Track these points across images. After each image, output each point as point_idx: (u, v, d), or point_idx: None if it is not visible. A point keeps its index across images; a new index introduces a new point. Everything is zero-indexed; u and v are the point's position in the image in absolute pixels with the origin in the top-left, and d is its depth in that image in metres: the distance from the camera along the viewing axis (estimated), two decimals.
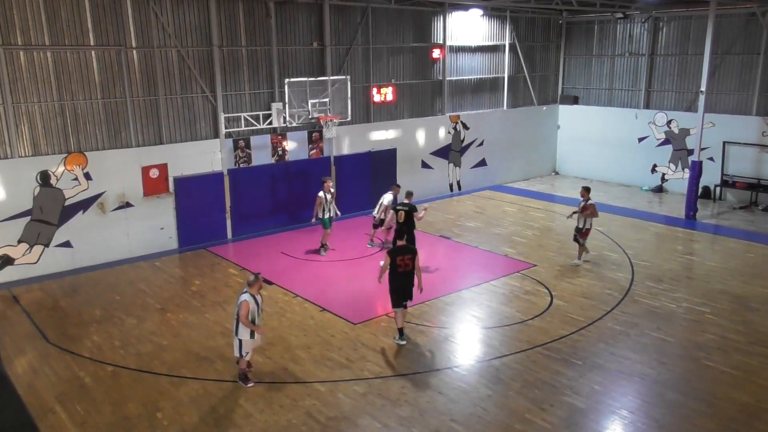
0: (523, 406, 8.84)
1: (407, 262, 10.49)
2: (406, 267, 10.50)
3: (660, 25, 22.69)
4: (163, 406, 8.96)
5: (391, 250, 10.65)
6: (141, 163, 15.63)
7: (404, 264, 10.48)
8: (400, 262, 10.46)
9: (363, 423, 8.48)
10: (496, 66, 23.52)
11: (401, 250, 10.62)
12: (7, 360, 10.39)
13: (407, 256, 10.52)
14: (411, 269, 10.55)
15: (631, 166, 23.62)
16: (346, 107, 17.92)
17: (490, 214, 19.65)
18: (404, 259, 10.48)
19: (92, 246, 15.05)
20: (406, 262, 10.48)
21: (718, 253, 15.88)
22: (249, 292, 9.17)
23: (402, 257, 10.48)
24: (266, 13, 17.19)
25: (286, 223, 18.31)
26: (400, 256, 10.49)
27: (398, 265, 10.46)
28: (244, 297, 9.12)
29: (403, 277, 10.54)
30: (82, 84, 14.65)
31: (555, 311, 12.14)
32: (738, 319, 11.73)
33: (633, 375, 9.71)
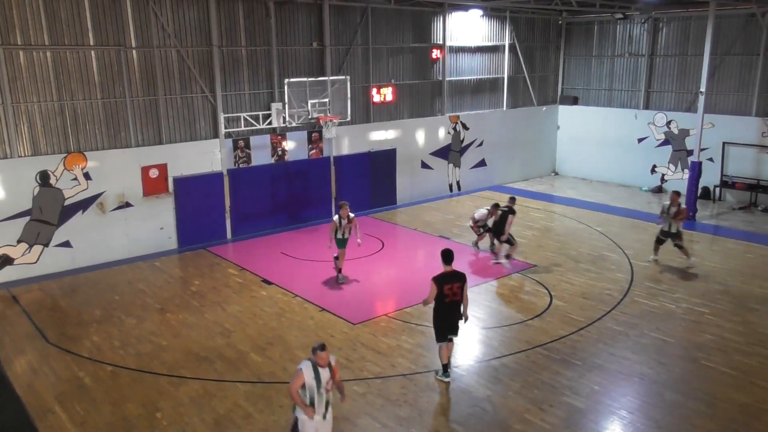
0: (523, 406, 8.84)
1: (456, 290, 9.18)
2: (454, 296, 9.20)
3: (660, 25, 22.70)
4: (162, 406, 8.96)
5: (438, 278, 9.15)
6: (140, 163, 15.63)
7: (452, 293, 9.17)
8: (448, 291, 9.15)
9: (362, 423, 8.48)
10: (495, 66, 23.53)
11: (449, 277, 9.19)
12: (7, 360, 10.40)
13: (456, 284, 9.17)
14: (460, 299, 9.26)
15: (630, 166, 23.63)
16: (345, 107, 17.92)
17: None
18: (453, 287, 9.15)
19: (92, 246, 15.05)
20: (454, 290, 9.17)
21: (718, 253, 15.89)
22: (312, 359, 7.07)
23: (450, 285, 9.14)
24: (266, 13, 17.19)
25: (286, 223, 18.32)
26: (448, 284, 9.13)
27: (445, 295, 9.14)
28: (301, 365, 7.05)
29: (450, 307, 9.25)
30: (82, 84, 14.65)
31: (554, 311, 12.14)
32: (737, 320, 11.73)
33: (632, 375, 9.72)
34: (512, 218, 14.67)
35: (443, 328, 9.36)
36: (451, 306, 9.23)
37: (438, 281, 9.11)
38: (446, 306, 9.21)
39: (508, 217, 14.61)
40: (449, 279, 9.16)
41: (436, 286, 9.08)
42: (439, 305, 9.23)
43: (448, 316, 9.29)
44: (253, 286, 13.69)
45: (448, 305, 9.21)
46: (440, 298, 9.15)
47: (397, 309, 12.34)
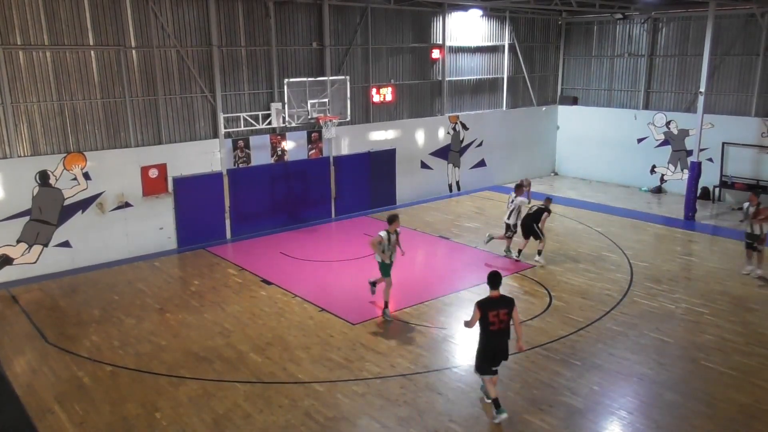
0: (522, 406, 8.84)
1: (503, 317, 8.25)
2: (501, 324, 8.26)
3: (659, 25, 22.71)
4: (161, 406, 8.96)
5: (483, 303, 8.30)
6: (140, 163, 15.63)
7: (499, 320, 8.24)
8: (494, 318, 8.21)
9: (362, 423, 8.48)
10: (495, 66, 23.53)
11: (496, 302, 8.28)
12: (6, 360, 10.40)
13: (503, 311, 8.25)
14: (507, 327, 8.34)
15: (630, 166, 23.63)
16: (345, 107, 17.92)
17: (490, 214, 19.65)
18: (499, 314, 8.22)
19: (91, 246, 15.05)
20: (501, 317, 8.23)
21: (717, 253, 15.89)
22: None
23: (496, 312, 8.21)
24: (265, 13, 17.19)
25: (286, 223, 18.32)
26: (493, 310, 8.21)
27: (491, 322, 8.22)
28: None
29: (496, 336, 8.30)
30: (82, 84, 14.65)
31: (554, 312, 12.14)
32: (736, 320, 11.74)
33: (632, 375, 9.72)
34: (547, 216, 14.88)
35: (487, 359, 8.46)
36: (497, 335, 8.31)
37: (482, 306, 8.24)
38: (492, 334, 8.29)
39: (543, 215, 14.79)
40: (495, 304, 8.25)
41: (480, 311, 8.22)
42: (484, 333, 8.35)
43: (494, 346, 8.37)
44: (253, 286, 13.69)
45: (494, 334, 8.29)
46: (485, 326, 8.27)
47: (397, 309, 12.33)
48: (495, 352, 8.42)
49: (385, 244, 11.39)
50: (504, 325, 8.29)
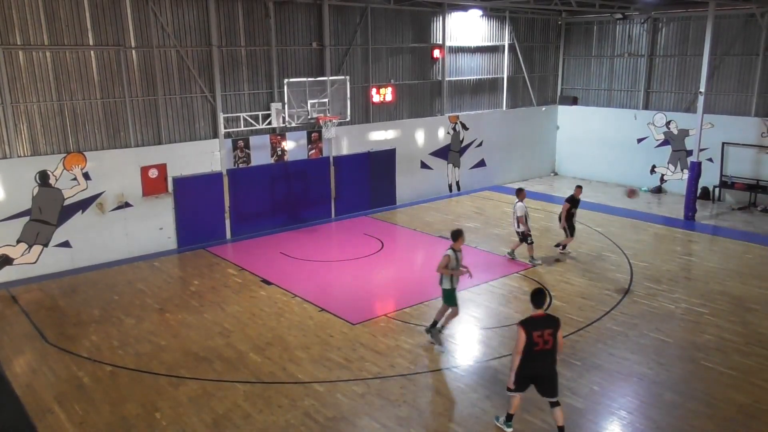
0: (522, 406, 8.82)
1: (547, 337, 7.81)
2: (546, 345, 7.82)
3: (659, 25, 22.71)
4: (161, 406, 8.96)
5: (527, 323, 7.86)
6: (140, 163, 15.62)
7: (543, 341, 7.80)
8: (538, 339, 7.78)
9: (362, 423, 8.48)
10: (495, 66, 23.53)
11: (540, 322, 7.88)
12: (6, 360, 10.40)
13: (547, 331, 7.82)
14: (551, 347, 7.86)
15: (630, 166, 23.63)
16: (345, 107, 17.91)
17: (489, 214, 19.66)
18: (544, 334, 7.80)
19: (91, 246, 15.05)
20: (546, 338, 7.81)
21: (717, 253, 15.89)
22: None
23: (541, 332, 7.79)
24: (265, 14, 17.19)
25: (285, 224, 18.32)
26: (538, 330, 7.79)
27: (535, 342, 7.79)
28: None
29: (539, 357, 7.82)
30: (81, 84, 14.65)
31: (554, 312, 12.10)
32: (736, 320, 11.74)
33: (631, 375, 9.72)
34: (565, 207, 15.05)
35: (525, 376, 7.94)
36: (540, 356, 7.83)
37: (527, 327, 7.78)
38: (534, 355, 7.81)
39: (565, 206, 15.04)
40: (540, 324, 7.82)
41: (525, 333, 7.74)
42: (527, 353, 7.81)
43: (534, 366, 7.90)
44: (253, 286, 13.69)
45: (537, 354, 7.82)
46: (529, 346, 7.78)
47: (397, 309, 12.33)
48: (535, 375, 7.94)
49: (453, 264, 10.27)
50: (548, 346, 7.82)
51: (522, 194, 14.80)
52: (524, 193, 14.89)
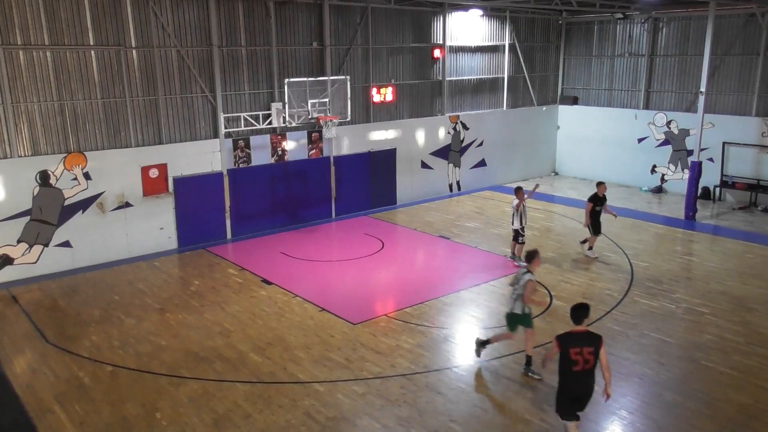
0: (522, 406, 8.84)
1: (587, 356, 7.09)
2: (586, 364, 7.12)
3: (660, 25, 22.70)
4: (161, 406, 8.96)
5: (563, 337, 7.26)
6: (140, 163, 15.62)
7: (583, 360, 7.10)
8: (577, 357, 7.07)
9: (362, 423, 8.48)
10: (495, 66, 23.53)
11: (579, 338, 7.19)
12: (6, 360, 10.40)
13: (587, 349, 7.10)
14: (593, 366, 7.16)
15: (630, 166, 23.62)
16: (345, 107, 17.91)
17: (490, 214, 19.65)
18: (583, 351, 7.08)
19: (91, 246, 15.05)
20: (585, 356, 7.09)
21: (718, 253, 15.88)
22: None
23: (579, 349, 7.09)
24: (266, 13, 17.19)
25: (286, 223, 18.32)
26: (576, 347, 7.09)
27: (573, 361, 7.10)
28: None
29: (579, 378, 7.17)
30: (82, 84, 14.65)
31: (554, 312, 12.13)
32: (737, 320, 11.73)
33: (632, 375, 9.71)
34: (589, 206, 15.01)
35: (568, 401, 7.34)
36: (580, 377, 7.16)
37: (562, 341, 7.19)
38: (573, 376, 7.16)
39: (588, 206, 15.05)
40: (578, 341, 7.13)
41: (559, 347, 7.17)
42: (566, 373, 7.23)
43: (575, 388, 7.27)
44: (253, 286, 13.69)
45: (578, 375, 7.14)
46: (566, 365, 7.17)
47: (397, 309, 12.33)
48: (577, 397, 7.30)
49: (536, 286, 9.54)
50: (589, 366, 7.13)
51: (519, 193, 14.66)
52: (522, 193, 14.71)
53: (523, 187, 14.89)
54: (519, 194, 14.63)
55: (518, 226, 14.61)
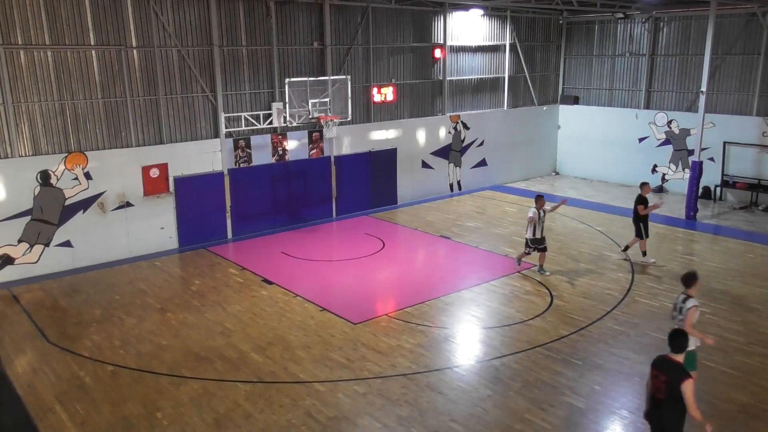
0: (523, 406, 8.84)
1: (659, 384, 6.56)
2: (657, 392, 6.60)
3: (660, 25, 22.69)
4: (162, 405, 8.96)
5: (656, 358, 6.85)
6: (141, 162, 15.63)
7: (656, 387, 6.62)
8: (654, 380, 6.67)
9: (363, 423, 8.48)
10: (496, 66, 23.52)
11: (659, 363, 6.70)
12: (7, 359, 10.40)
13: (662, 376, 6.54)
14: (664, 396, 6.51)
15: (631, 166, 23.60)
16: (346, 107, 17.91)
17: (491, 214, 19.65)
18: (658, 377, 6.58)
19: (92, 246, 15.05)
20: (657, 384, 6.59)
21: (718, 253, 15.87)
22: None
23: (656, 373, 6.64)
24: (266, 13, 17.19)
25: (287, 223, 18.32)
26: (654, 369, 6.69)
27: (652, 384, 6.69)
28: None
29: (654, 404, 6.70)
30: (83, 83, 14.65)
31: (555, 311, 12.13)
32: (738, 320, 11.72)
33: (633, 375, 9.71)
34: (641, 208, 14.66)
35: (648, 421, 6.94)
36: (655, 403, 6.69)
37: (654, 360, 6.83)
38: (651, 401, 6.77)
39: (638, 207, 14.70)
40: (659, 365, 6.67)
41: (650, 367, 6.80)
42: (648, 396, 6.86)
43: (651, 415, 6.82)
44: (254, 285, 13.69)
45: (653, 401, 6.71)
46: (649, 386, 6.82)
47: (398, 309, 12.33)
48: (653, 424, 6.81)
49: None
50: (662, 395, 6.52)
51: (540, 202, 13.86)
52: (543, 201, 13.93)
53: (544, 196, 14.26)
54: (539, 202, 13.86)
55: (530, 235, 13.86)
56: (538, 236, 13.84)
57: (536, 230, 13.79)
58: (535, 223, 13.72)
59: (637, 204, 14.76)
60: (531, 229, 13.84)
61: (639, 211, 14.69)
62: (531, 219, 13.75)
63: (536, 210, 13.75)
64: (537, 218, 13.71)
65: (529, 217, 13.84)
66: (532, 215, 13.74)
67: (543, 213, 13.87)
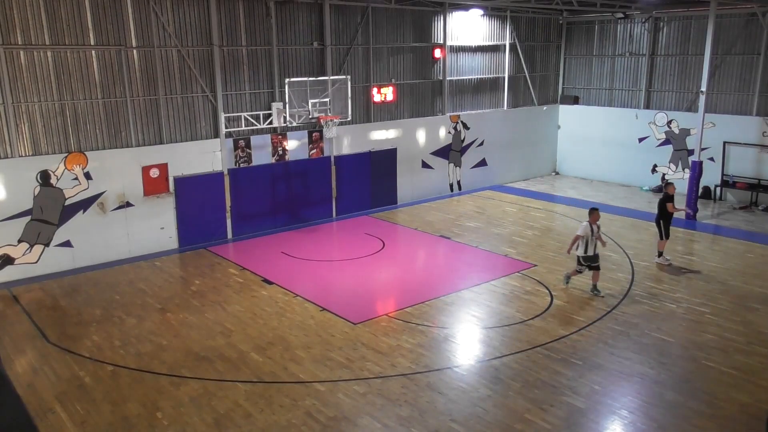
0: (523, 406, 8.84)
1: None
2: None
3: (660, 25, 22.69)
4: (162, 405, 8.96)
5: None
6: (141, 162, 15.63)
7: None
8: None
9: (363, 423, 8.48)
10: (496, 66, 23.52)
11: None
12: (7, 359, 10.39)
13: None
14: None
15: (631, 166, 23.61)
16: (346, 107, 17.91)
17: (491, 214, 19.65)
18: None
19: (92, 246, 15.05)
20: None
21: (718, 253, 15.87)
22: None
23: None
24: (266, 13, 17.19)
25: (287, 223, 18.31)
26: None
27: None
28: None
29: None
30: (83, 83, 14.66)
31: (555, 311, 12.14)
32: (738, 320, 11.72)
33: (633, 375, 9.71)
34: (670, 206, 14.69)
35: None
36: None
37: None
38: None
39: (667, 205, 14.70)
40: None
41: None
42: None
43: None
44: (254, 285, 13.69)
45: None
46: None
47: (398, 309, 12.33)
48: None
49: None
50: None
51: (594, 215, 12.78)
52: (597, 215, 12.82)
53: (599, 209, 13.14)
54: (593, 216, 12.74)
55: (582, 252, 12.72)
56: (590, 253, 12.67)
57: (588, 247, 12.65)
58: (587, 239, 12.58)
59: (665, 202, 14.83)
60: (583, 246, 12.67)
61: (668, 209, 14.76)
62: (579, 237, 12.63)
63: (588, 225, 12.60)
64: (590, 234, 12.55)
65: (577, 235, 12.75)
66: (582, 233, 12.60)
67: (597, 228, 12.66)
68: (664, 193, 15.09)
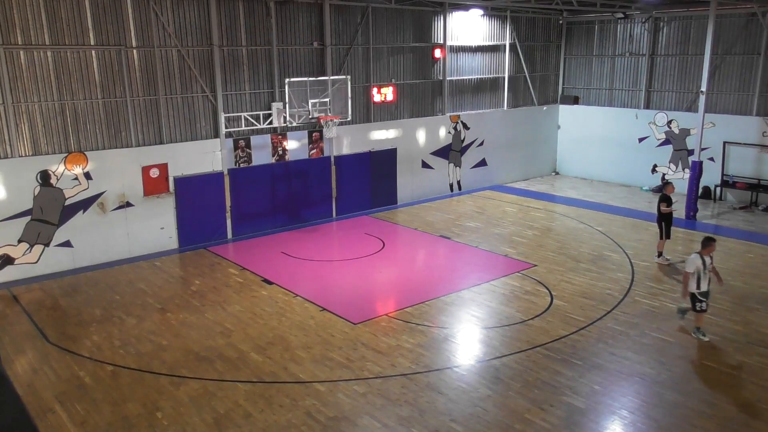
0: (523, 406, 8.84)
1: None
2: None
3: (660, 25, 22.69)
4: (162, 405, 8.96)
5: None
6: (141, 162, 15.63)
7: None
8: None
9: (363, 423, 8.48)
10: (496, 66, 23.52)
11: None
12: (7, 359, 10.39)
13: None
14: None
15: (631, 166, 23.61)
16: (346, 107, 17.91)
17: (490, 214, 19.65)
18: None
19: (92, 246, 15.05)
20: None
21: (718, 253, 15.73)
22: None
23: None
24: (266, 13, 17.19)
25: (286, 223, 18.31)
26: None
27: None
28: None
29: None
30: (83, 83, 14.65)
31: (555, 311, 12.13)
32: (738, 320, 11.73)
33: (633, 375, 9.71)
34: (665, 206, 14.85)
35: None
36: None
37: None
38: None
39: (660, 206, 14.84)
40: None
41: None
42: None
43: None
44: (254, 285, 13.69)
45: None
46: None
47: (398, 309, 12.33)
48: None
49: None
50: None
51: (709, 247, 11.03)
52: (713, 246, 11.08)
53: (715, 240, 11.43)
54: (708, 247, 11.04)
55: (695, 288, 10.86)
56: (704, 289, 10.88)
57: (701, 282, 10.85)
58: (698, 273, 10.81)
59: (660, 202, 14.94)
60: (695, 282, 10.83)
61: (660, 209, 14.86)
62: (689, 274, 10.86)
63: (698, 256, 10.89)
64: (701, 268, 10.82)
65: (686, 272, 10.95)
66: (692, 269, 10.80)
67: (710, 261, 10.99)
68: (662, 194, 15.12)
